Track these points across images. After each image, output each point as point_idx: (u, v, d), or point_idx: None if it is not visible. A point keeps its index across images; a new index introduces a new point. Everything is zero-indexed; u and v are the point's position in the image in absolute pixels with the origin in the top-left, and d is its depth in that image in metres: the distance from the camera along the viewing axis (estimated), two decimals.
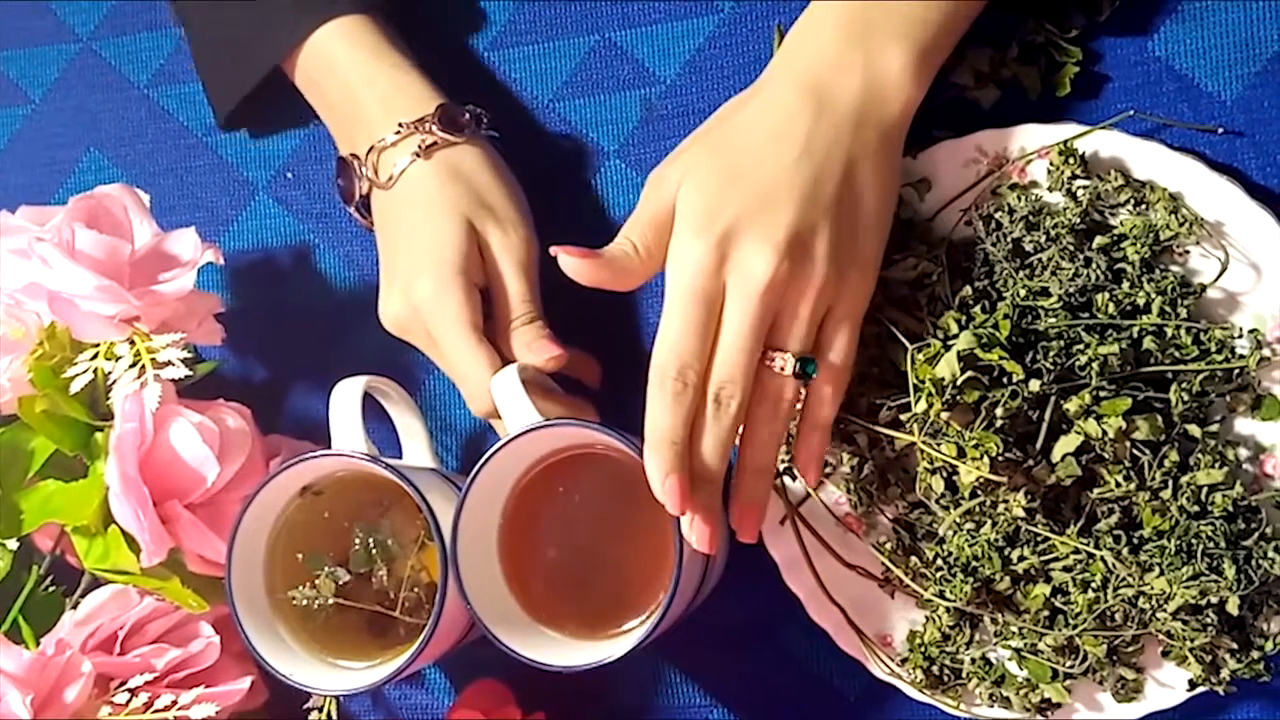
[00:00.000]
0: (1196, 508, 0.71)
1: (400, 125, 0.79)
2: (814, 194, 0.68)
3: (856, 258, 0.70)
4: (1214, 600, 0.70)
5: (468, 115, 0.81)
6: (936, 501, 0.74)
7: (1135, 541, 0.72)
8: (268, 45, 0.83)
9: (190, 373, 0.76)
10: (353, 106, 0.81)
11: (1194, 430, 0.72)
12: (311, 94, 0.84)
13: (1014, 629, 0.74)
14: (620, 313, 0.84)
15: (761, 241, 0.67)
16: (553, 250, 0.71)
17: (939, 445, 0.70)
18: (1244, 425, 0.74)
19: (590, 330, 0.82)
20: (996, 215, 0.76)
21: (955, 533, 0.74)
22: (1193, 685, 0.73)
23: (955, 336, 0.71)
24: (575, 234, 0.73)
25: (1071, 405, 0.70)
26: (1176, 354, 0.72)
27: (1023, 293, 0.73)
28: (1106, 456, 0.71)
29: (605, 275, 0.71)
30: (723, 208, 0.68)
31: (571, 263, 0.70)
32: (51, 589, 0.82)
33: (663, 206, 0.70)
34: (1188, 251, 0.74)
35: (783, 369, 0.69)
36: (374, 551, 0.78)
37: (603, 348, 0.83)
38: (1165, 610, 0.71)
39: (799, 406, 0.71)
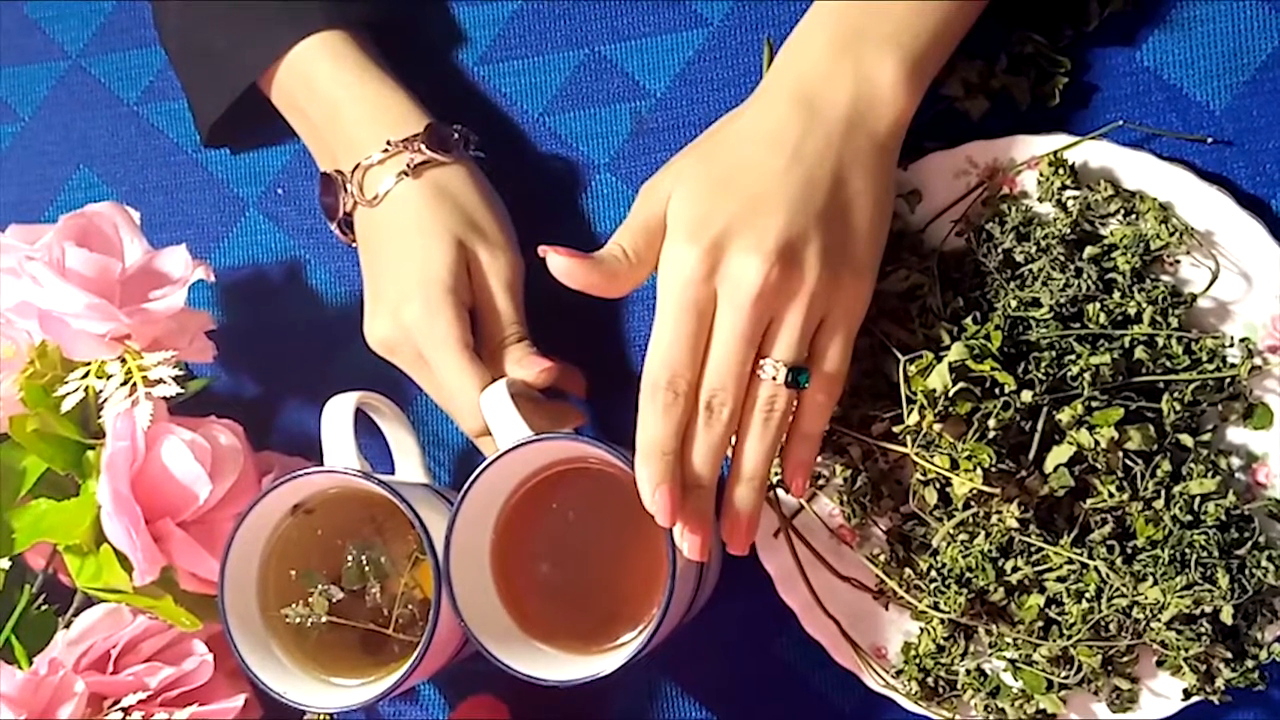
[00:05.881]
0: (1189, 517, 0.71)
1: (388, 143, 0.79)
2: (805, 202, 0.68)
3: (849, 266, 0.70)
4: (1208, 609, 0.70)
5: (456, 135, 0.80)
6: (930, 513, 0.74)
7: (1129, 551, 0.72)
8: (246, 60, 0.82)
9: (182, 390, 0.76)
10: (336, 123, 0.81)
11: (1186, 440, 0.72)
12: (290, 110, 0.84)
13: (1008, 640, 0.74)
14: (608, 326, 0.84)
15: (751, 249, 0.67)
16: (542, 250, 0.70)
17: (932, 457, 0.70)
18: (1236, 434, 0.74)
19: (577, 344, 0.82)
20: (987, 226, 0.76)
21: (949, 544, 0.74)
22: (1187, 695, 0.73)
23: (947, 348, 0.71)
24: (565, 246, 0.72)
25: (1064, 416, 0.70)
26: (1168, 363, 0.72)
27: (1014, 303, 0.73)
28: (1099, 467, 0.71)
29: (593, 279, 0.70)
30: (713, 215, 0.68)
31: (560, 263, 0.70)
32: (44, 608, 0.81)
33: (654, 214, 0.70)
34: (1178, 261, 0.74)
35: (775, 378, 0.68)
36: (367, 568, 0.78)
37: (591, 362, 0.83)
38: (1159, 620, 0.71)
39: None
